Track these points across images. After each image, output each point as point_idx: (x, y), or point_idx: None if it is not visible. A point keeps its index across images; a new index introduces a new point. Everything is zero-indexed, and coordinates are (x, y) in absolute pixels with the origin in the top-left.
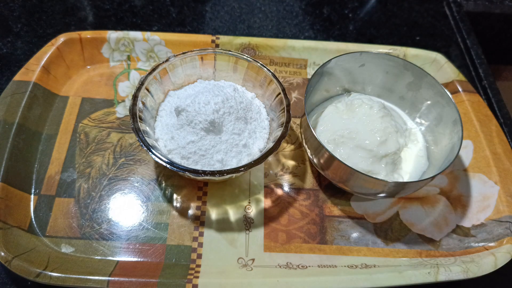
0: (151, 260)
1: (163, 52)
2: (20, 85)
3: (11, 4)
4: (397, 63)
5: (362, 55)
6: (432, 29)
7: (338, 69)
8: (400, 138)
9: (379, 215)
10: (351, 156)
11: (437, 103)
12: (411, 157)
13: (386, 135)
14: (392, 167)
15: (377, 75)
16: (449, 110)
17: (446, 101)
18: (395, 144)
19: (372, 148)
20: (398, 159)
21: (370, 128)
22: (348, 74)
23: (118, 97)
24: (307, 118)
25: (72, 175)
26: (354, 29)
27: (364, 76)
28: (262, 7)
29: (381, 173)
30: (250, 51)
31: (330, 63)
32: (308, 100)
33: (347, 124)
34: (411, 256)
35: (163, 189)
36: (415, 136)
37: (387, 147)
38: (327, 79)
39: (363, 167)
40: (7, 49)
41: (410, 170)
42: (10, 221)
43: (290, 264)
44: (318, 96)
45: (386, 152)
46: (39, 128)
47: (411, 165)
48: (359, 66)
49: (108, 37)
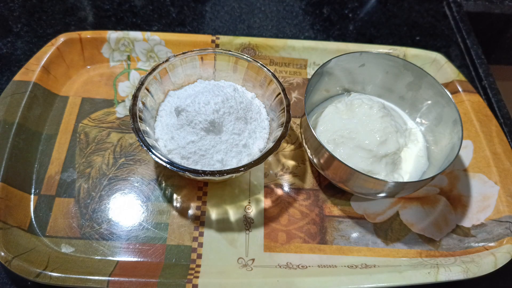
0: (151, 260)
1: (163, 52)
2: (20, 85)
3: (11, 4)
4: (397, 63)
5: (362, 55)
6: (432, 29)
7: (338, 69)
8: (400, 138)
9: (379, 215)
10: (351, 156)
11: (437, 103)
12: (411, 157)
13: (386, 135)
14: (392, 167)
15: (377, 75)
16: (449, 110)
17: (446, 101)
18: (395, 144)
19: (372, 148)
20: (398, 159)
21: (370, 128)
22: (348, 74)
23: (118, 97)
24: (307, 118)
25: (72, 175)
26: (354, 29)
27: (364, 76)
28: (262, 7)
29: (381, 173)
30: (250, 51)
31: (330, 63)
32: (308, 100)
33: (347, 124)
34: (411, 256)
35: (163, 189)
36: (415, 136)
37: (387, 147)
38: (327, 79)
39: (363, 167)
40: (7, 49)
41: (410, 170)
42: (10, 221)
43: (290, 264)
44: (318, 96)
45: (386, 152)
46: (39, 128)
47: (411, 165)
48: (359, 66)
49: (108, 37)
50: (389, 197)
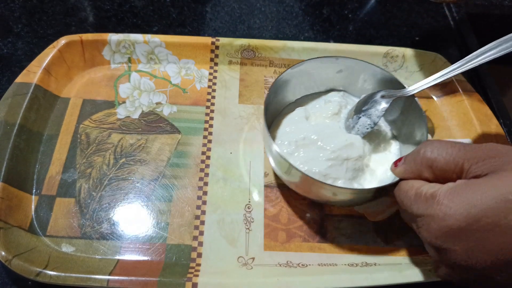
0: (151, 259)
1: (163, 54)
2: (22, 87)
3: (11, 5)
4: (374, 71)
5: (339, 60)
6: (432, 29)
7: (307, 72)
8: (365, 145)
9: (379, 214)
10: (312, 158)
11: (409, 115)
12: (381, 167)
13: (351, 140)
14: (352, 174)
15: (355, 81)
16: (419, 123)
17: (418, 114)
18: (359, 150)
19: (334, 149)
20: (361, 166)
21: (336, 131)
22: (323, 77)
23: (119, 99)
24: (264, 119)
25: (73, 175)
26: (354, 29)
27: (341, 81)
28: (262, 7)
29: (340, 178)
30: (249, 52)
31: (302, 65)
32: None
33: (313, 126)
34: (411, 254)
35: (163, 189)
36: (389, 146)
37: (350, 151)
38: (297, 81)
39: (319, 170)
40: (8, 50)
41: (375, 181)
42: (11, 221)
43: (290, 263)
44: (285, 98)
45: (348, 156)
46: (40, 129)
47: (378, 176)
48: (336, 72)
49: (109, 39)
50: (345, 206)
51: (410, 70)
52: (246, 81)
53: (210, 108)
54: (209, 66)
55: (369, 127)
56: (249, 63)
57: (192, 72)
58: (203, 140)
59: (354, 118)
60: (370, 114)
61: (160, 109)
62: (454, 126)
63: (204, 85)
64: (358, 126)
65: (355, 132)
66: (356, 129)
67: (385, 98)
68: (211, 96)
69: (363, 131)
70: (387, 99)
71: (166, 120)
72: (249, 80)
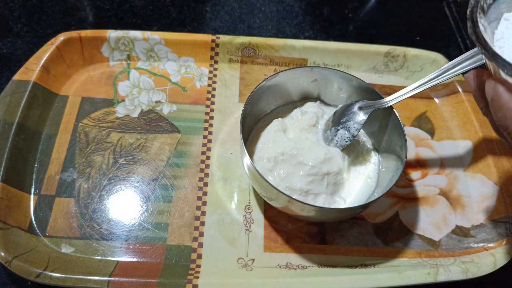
0: (151, 260)
1: (163, 51)
2: (20, 85)
3: (11, 4)
4: (350, 81)
5: (314, 70)
6: (432, 29)
7: (283, 83)
8: (345, 158)
9: (379, 215)
10: (291, 174)
11: (387, 124)
12: (359, 179)
13: (331, 153)
14: (333, 188)
15: (330, 89)
16: (397, 132)
17: (396, 125)
18: (338, 163)
19: (315, 164)
20: (341, 180)
21: (315, 145)
22: (294, 87)
23: (118, 97)
24: (241, 136)
25: (72, 175)
26: (354, 29)
27: (316, 90)
28: (262, 7)
29: (321, 194)
30: (250, 50)
31: (278, 76)
32: (250, 114)
33: (290, 140)
34: (410, 256)
35: (163, 189)
36: (369, 157)
37: (330, 165)
38: (271, 93)
39: (301, 186)
40: (7, 49)
41: (355, 193)
42: (10, 221)
43: (290, 264)
44: (262, 109)
45: (329, 170)
46: (39, 128)
47: (357, 188)
48: (311, 81)
49: (108, 36)
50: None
51: (411, 70)
52: (246, 80)
53: (210, 107)
54: (209, 64)
55: (348, 140)
56: (249, 61)
57: (192, 70)
58: (203, 140)
59: (333, 131)
60: (349, 127)
61: (160, 108)
62: (455, 127)
63: (204, 84)
64: (337, 139)
65: (334, 144)
66: (335, 142)
67: (363, 109)
68: (211, 95)
69: (342, 144)
70: (365, 110)
71: (165, 119)
72: (249, 79)
